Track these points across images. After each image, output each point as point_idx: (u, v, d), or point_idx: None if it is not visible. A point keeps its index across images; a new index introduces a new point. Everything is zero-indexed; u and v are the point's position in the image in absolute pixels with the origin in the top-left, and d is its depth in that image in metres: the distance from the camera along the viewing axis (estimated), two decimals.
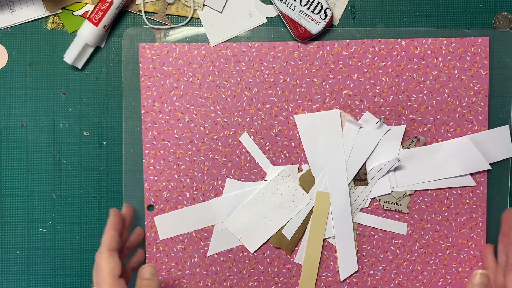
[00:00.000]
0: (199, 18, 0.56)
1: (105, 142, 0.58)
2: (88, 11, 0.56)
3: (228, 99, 0.56)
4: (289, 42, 0.56)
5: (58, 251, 0.58)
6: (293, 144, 0.56)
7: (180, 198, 0.57)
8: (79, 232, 0.58)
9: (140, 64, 0.56)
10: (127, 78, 0.56)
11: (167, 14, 0.56)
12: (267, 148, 0.56)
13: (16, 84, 0.57)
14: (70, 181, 0.58)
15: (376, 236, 0.57)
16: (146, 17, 0.56)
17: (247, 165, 0.56)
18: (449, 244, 0.57)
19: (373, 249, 0.57)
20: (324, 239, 0.57)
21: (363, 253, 0.57)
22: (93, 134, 0.58)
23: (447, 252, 0.57)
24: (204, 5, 0.56)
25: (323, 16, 0.54)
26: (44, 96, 0.57)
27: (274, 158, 0.57)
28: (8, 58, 0.57)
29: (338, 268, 0.57)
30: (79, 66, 0.57)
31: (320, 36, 0.56)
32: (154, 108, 0.56)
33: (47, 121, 0.58)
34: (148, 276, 0.49)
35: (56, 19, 0.57)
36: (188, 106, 0.56)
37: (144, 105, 0.56)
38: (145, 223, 0.57)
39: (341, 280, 0.57)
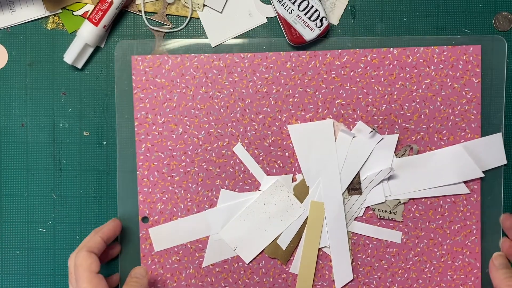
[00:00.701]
0: (199, 18, 0.56)
1: (105, 142, 0.58)
2: (88, 11, 0.56)
3: (221, 110, 0.56)
4: (281, 52, 0.56)
5: (58, 251, 0.58)
6: (286, 154, 0.56)
7: (175, 210, 0.57)
8: (79, 232, 0.58)
9: (133, 76, 0.56)
10: (120, 90, 0.56)
11: (167, 14, 0.56)
12: (261, 158, 0.56)
13: (16, 84, 0.57)
14: (70, 181, 0.58)
15: (371, 245, 0.57)
16: (146, 17, 0.56)
17: (241, 176, 0.57)
18: (444, 252, 0.57)
19: (368, 258, 0.57)
20: (319, 249, 0.57)
21: (358, 262, 0.57)
22: (93, 134, 0.58)
23: (442, 260, 0.57)
24: (204, 5, 0.56)
25: (318, 24, 0.54)
26: (44, 96, 0.57)
27: (268, 168, 0.57)
28: (8, 58, 0.57)
29: (333, 277, 0.57)
30: (79, 66, 0.57)
31: (312, 45, 0.56)
32: (147, 120, 0.56)
33: (47, 121, 0.58)
34: (139, 276, 0.52)
35: (56, 19, 0.57)
36: (181, 117, 0.56)
37: (137, 117, 0.56)
38: (140, 235, 0.57)
39: None
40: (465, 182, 0.56)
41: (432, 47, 0.56)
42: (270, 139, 0.56)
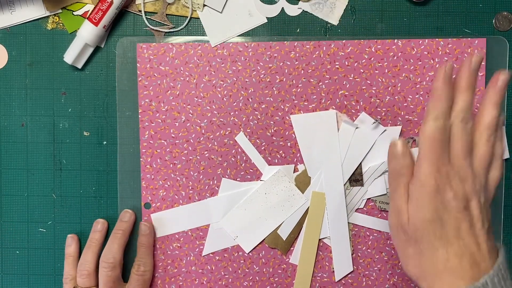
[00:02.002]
0: (198, 18, 0.56)
1: (105, 142, 0.58)
2: (88, 11, 0.57)
3: (224, 98, 0.56)
4: (285, 42, 0.56)
5: (58, 251, 0.59)
6: (289, 144, 0.57)
7: (176, 197, 0.57)
8: (79, 232, 0.59)
9: (137, 64, 0.56)
10: (121, 87, 0.57)
11: (167, 14, 0.57)
12: (263, 148, 0.57)
13: (16, 84, 0.58)
14: (70, 181, 0.58)
15: (371, 237, 0.57)
16: (146, 17, 0.57)
17: (242, 165, 0.57)
18: None
19: (368, 250, 0.57)
20: (319, 240, 0.57)
21: (358, 254, 0.57)
22: (93, 134, 0.58)
23: None
24: (204, 5, 0.56)
25: None
26: (44, 96, 0.58)
27: (270, 158, 0.57)
28: (8, 58, 0.58)
29: (333, 268, 0.57)
30: (79, 66, 0.57)
31: (317, 36, 0.56)
32: (151, 108, 0.56)
33: (47, 121, 0.58)
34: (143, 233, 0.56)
35: (56, 19, 0.57)
36: (184, 105, 0.56)
37: (142, 104, 0.56)
38: (142, 220, 0.57)
39: (336, 280, 0.57)
40: None
41: (437, 39, 0.55)
42: (272, 129, 0.56)
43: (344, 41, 0.55)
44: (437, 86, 0.43)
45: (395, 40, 0.55)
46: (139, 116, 0.56)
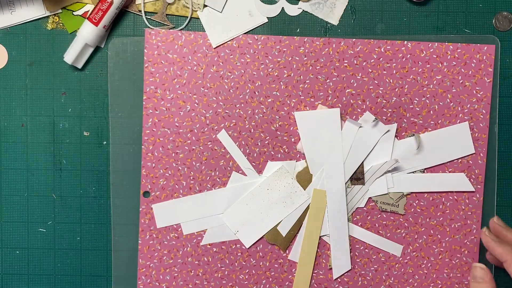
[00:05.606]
0: (198, 18, 0.56)
1: (105, 142, 0.57)
2: (88, 11, 0.56)
3: (230, 90, 0.56)
4: (295, 37, 0.55)
5: (58, 251, 0.58)
6: (293, 139, 0.56)
7: (177, 187, 0.56)
8: (79, 232, 0.58)
9: (145, 50, 0.55)
10: (113, 88, 0.56)
11: (167, 14, 0.56)
12: (267, 142, 0.56)
13: (16, 84, 0.57)
14: (70, 181, 0.58)
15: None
16: (146, 17, 0.56)
17: (245, 157, 0.56)
18: (442, 249, 0.57)
19: (366, 250, 0.57)
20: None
21: (356, 253, 0.57)
22: (93, 134, 0.57)
23: (440, 257, 0.57)
24: (204, 5, 0.55)
25: None
26: (44, 96, 0.57)
27: (273, 153, 0.56)
28: (8, 58, 0.57)
29: (330, 266, 0.57)
30: (79, 66, 0.56)
31: (325, 34, 0.56)
32: (156, 95, 0.56)
33: (47, 121, 0.57)
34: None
35: (56, 19, 0.57)
36: (190, 95, 0.56)
37: (146, 91, 0.56)
38: (140, 209, 0.56)
39: (334, 278, 0.57)
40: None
41: (446, 43, 0.55)
42: (277, 123, 0.56)
43: (354, 39, 0.55)
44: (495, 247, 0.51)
45: (405, 42, 0.55)
46: (143, 103, 0.56)
